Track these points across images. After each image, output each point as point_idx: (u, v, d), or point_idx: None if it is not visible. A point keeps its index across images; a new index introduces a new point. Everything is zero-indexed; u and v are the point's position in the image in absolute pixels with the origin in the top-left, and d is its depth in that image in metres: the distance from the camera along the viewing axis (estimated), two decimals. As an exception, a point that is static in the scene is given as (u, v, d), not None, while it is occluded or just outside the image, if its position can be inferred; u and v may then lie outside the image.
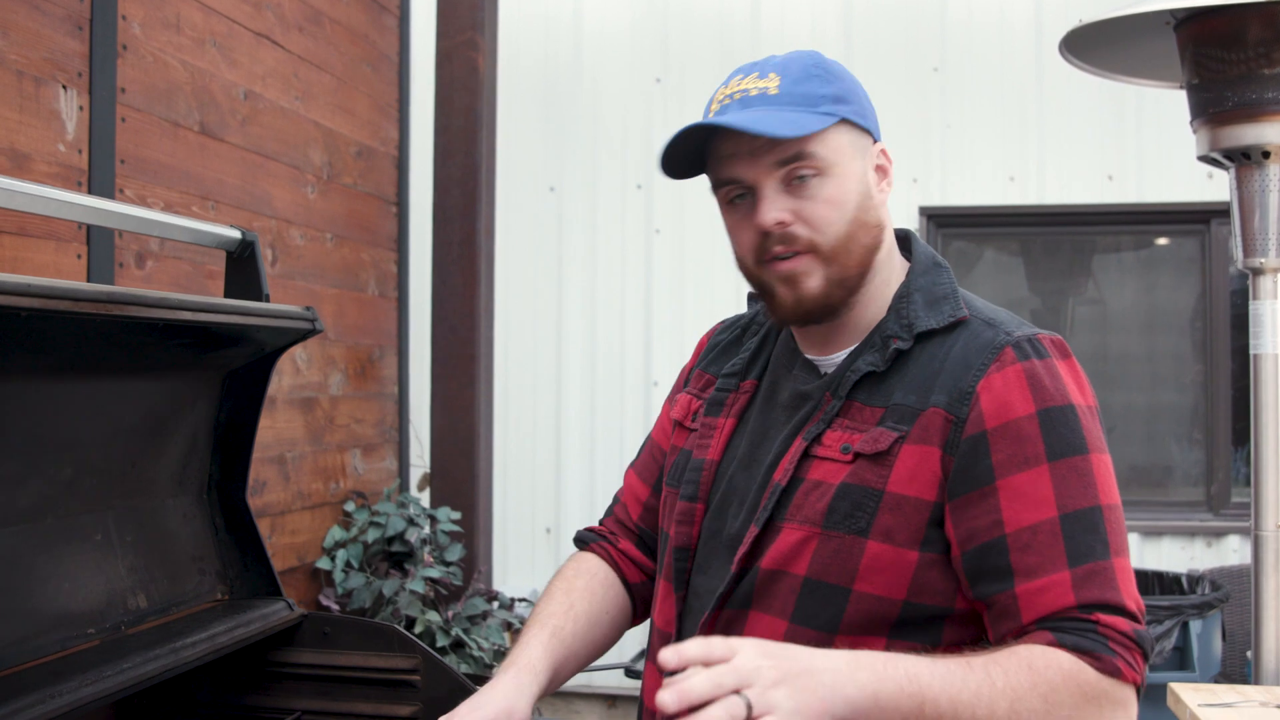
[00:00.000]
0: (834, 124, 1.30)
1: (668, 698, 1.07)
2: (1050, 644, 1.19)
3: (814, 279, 1.31)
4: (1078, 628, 1.19)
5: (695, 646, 1.11)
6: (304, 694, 2.00)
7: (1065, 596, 1.20)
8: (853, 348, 1.37)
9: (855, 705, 1.12)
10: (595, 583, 1.54)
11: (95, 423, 1.75)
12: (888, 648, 1.25)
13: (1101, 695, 1.18)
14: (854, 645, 1.23)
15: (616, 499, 1.64)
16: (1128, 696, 1.20)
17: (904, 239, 1.44)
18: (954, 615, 1.28)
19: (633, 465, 1.63)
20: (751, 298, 1.57)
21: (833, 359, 1.38)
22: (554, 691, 1.48)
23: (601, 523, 1.64)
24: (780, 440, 1.37)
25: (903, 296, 1.36)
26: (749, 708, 1.07)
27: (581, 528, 1.64)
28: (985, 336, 1.30)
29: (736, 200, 1.34)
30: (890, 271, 1.38)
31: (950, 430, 1.26)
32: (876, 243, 1.34)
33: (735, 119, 1.28)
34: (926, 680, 1.15)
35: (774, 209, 1.30)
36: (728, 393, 1.47)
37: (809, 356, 1.41)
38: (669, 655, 1.11)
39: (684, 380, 1.58)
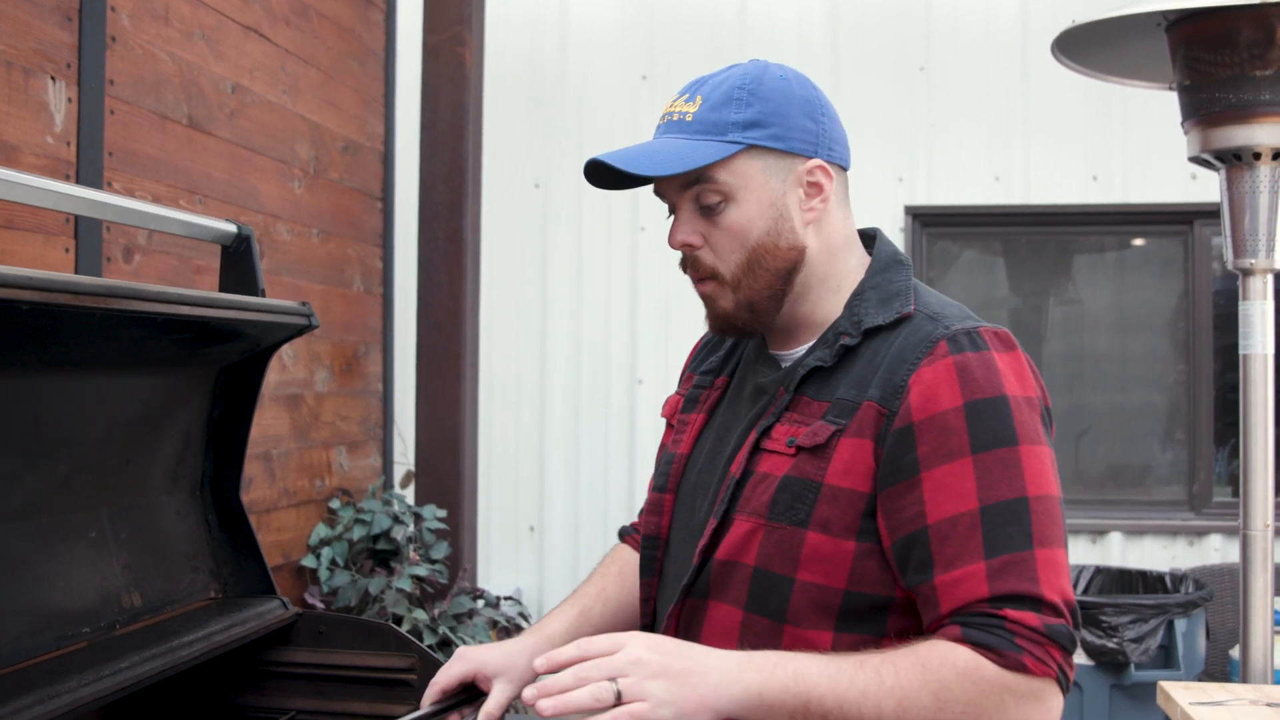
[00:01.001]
0: (738, 152, 1.34)
1: (527, 693, 1.17)
2: (956, 638, 1.22)
3: (724, 301, 1.39)
4: (984, 623, 1.21)
5: (569, 650, 1.19)
6: (299, 693, 1.98)
7: (979, 588, 1.22)
8: (810, 344, 1.41)
9: (740, 704, 1.19)
10: (628, 569, 1.61)
11: (91, 419, 1.73)
12: (834, 639, 1.30)
13: (1004, 690, 1.19)
14: (802, 635, 1.30)
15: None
16: (1040, 689, 1.21)
17: (870, 237, 1.48)
18: (896, 604, 1.31)
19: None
20: None
21: (791, 354, 1.43)
22: None
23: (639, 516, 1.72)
24: (739, 433, 1.42)
25: (858, 295, 1.40)
26: (618, 695, 1.15)
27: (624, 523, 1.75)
28: (924, 330, 1.33)
29: (670, 216, 1.42)
30: (848, 271, 1.42)
31: (882, 423, 1.29)
32: (790, 264, 1.38)
33: (621, 154, 1.35)
34: (813, 680, 1.20)
35: (682, 231, 1.38)
36: (702, 389, 1.53)
37: (772, 352, 1.46)
38: (540, 662, 1.21)
39: (678, 384, 1.65)
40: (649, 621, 1.47)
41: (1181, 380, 4.79)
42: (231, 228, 1.91)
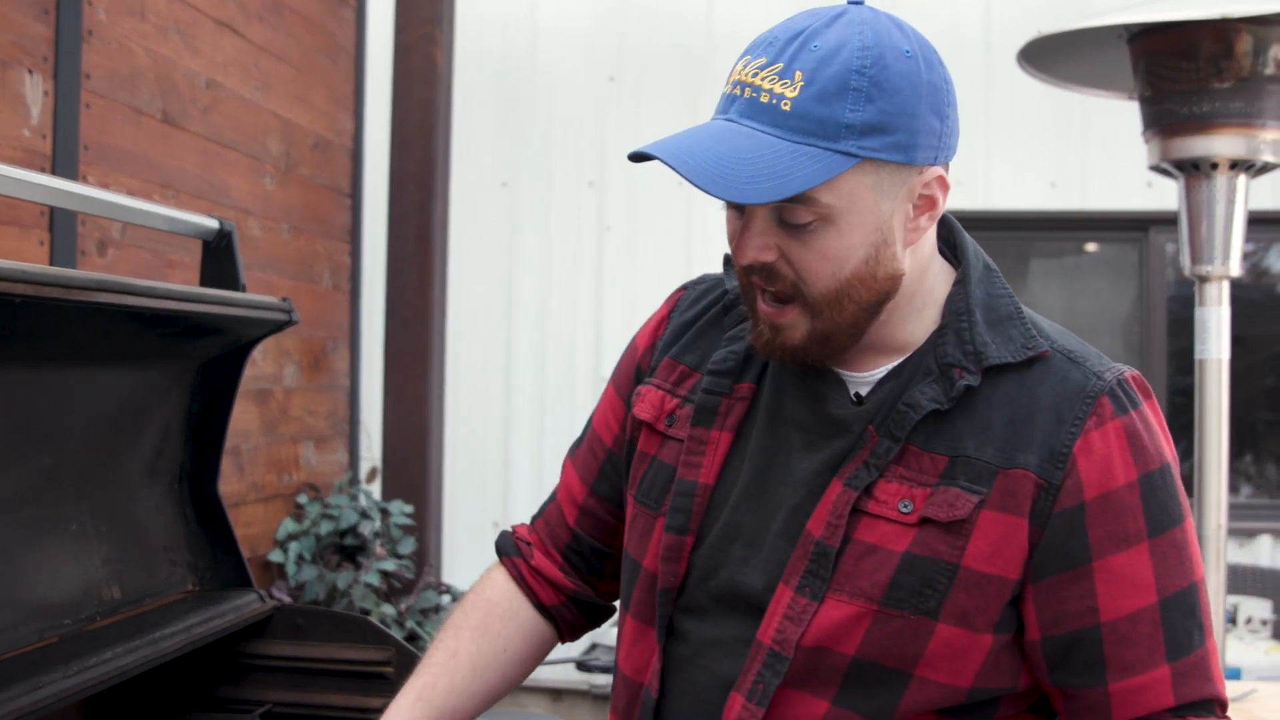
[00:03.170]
0: (851, 167, 1.03)
1: None
2: None
3: (797, 332, 1.10)
4: None
5: None
6: (275, 686, 2.00)
7: (1164, 697, 1.08)
8: (891, 365, 1.14)
9: None
10: (492, 618, 1.34)
11: (74, 412, 1.74)
12: None
13: None
14: None
15: (553, 496, 1.42)
16: None
17: (943, 225, 1.19)
18: (1013, 695, 1.14)
19: (571, 456, 1.40)
20: (728, 261, 1.27)
21: (867, 377, 1.15)
22: None
23: (534, 521, 1.43)
24: (804, 476, 1.13)
25: (960, 314, 1.13)
26: None
27: (510, 525, 1.45)
28: (1074, 380, 1.10)
29: (728, 207, 1.12)
30: (934, 284, 1.16)
31: (1039, 497, 1.07)
32: (883, 295, 1.10)
33: (692, 155, 1.03)
34: None
35: (754, 245, 1.08)
36: (719, 396, 1.20)
37: (836, 369, 1.16)
38: None
39: (643, 365, 1.30)
40: (658, 690, 1.18)
41: (1136, 384, 4.89)
42: (214, 223, 1.93)
